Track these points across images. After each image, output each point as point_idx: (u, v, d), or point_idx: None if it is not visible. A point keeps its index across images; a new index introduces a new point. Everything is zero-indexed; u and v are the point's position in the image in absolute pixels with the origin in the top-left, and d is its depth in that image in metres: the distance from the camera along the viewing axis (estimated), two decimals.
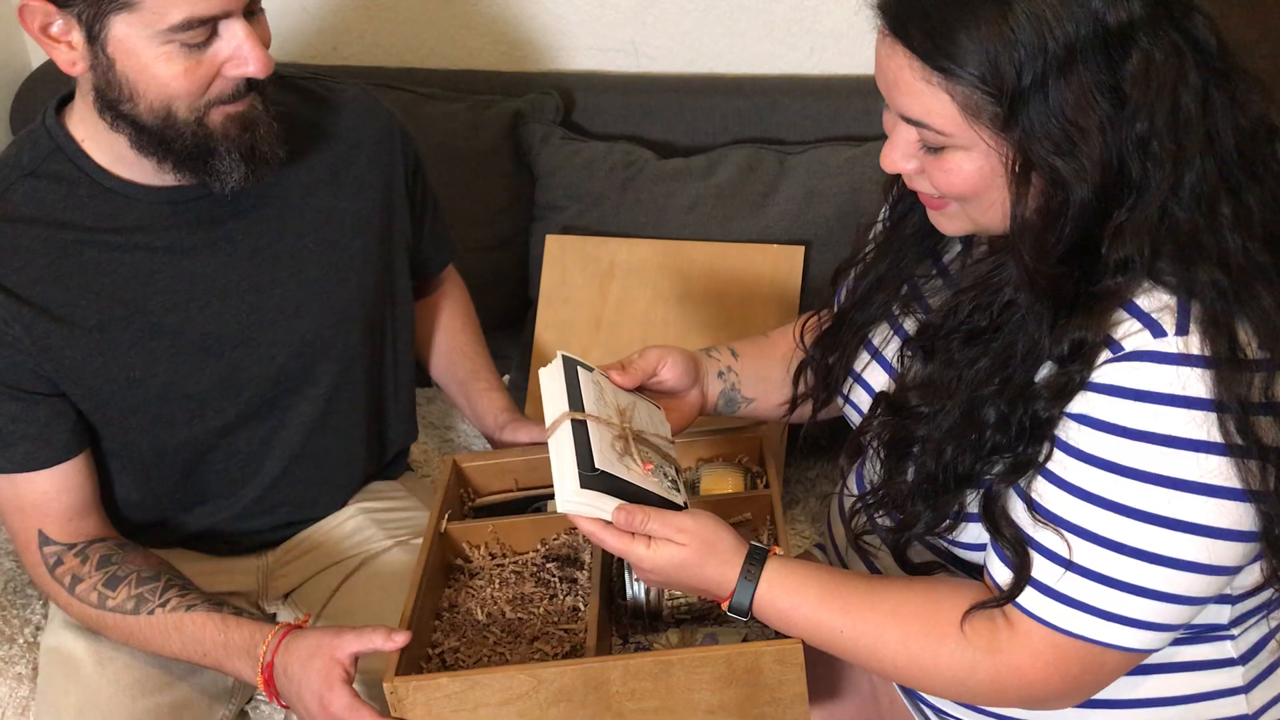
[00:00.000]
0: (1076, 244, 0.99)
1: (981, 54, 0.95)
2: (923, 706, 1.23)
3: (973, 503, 1.07)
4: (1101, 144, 0.95)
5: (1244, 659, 1.11)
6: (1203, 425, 0.95)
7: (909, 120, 1.02)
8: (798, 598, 1.09)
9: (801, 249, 1.83)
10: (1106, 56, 0.95)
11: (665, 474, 1.21)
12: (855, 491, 1.25)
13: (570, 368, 1.24)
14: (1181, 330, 0.96)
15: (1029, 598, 1.03)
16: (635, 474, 1.14)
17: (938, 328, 1.10)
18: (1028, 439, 1.02)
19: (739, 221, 1.88)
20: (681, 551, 1.10)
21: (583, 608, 1.28)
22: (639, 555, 1.11)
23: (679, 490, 1.20)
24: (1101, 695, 1.08)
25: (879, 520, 1.14)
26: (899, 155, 1.06)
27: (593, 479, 1.11)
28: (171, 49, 1.17)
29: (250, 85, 1.23)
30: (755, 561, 1.10)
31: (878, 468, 1.14)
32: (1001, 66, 0.95)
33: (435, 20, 2.14)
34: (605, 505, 1.11)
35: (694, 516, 1.12)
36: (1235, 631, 1.11)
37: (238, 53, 1.19)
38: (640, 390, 1.30)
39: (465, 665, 1.24)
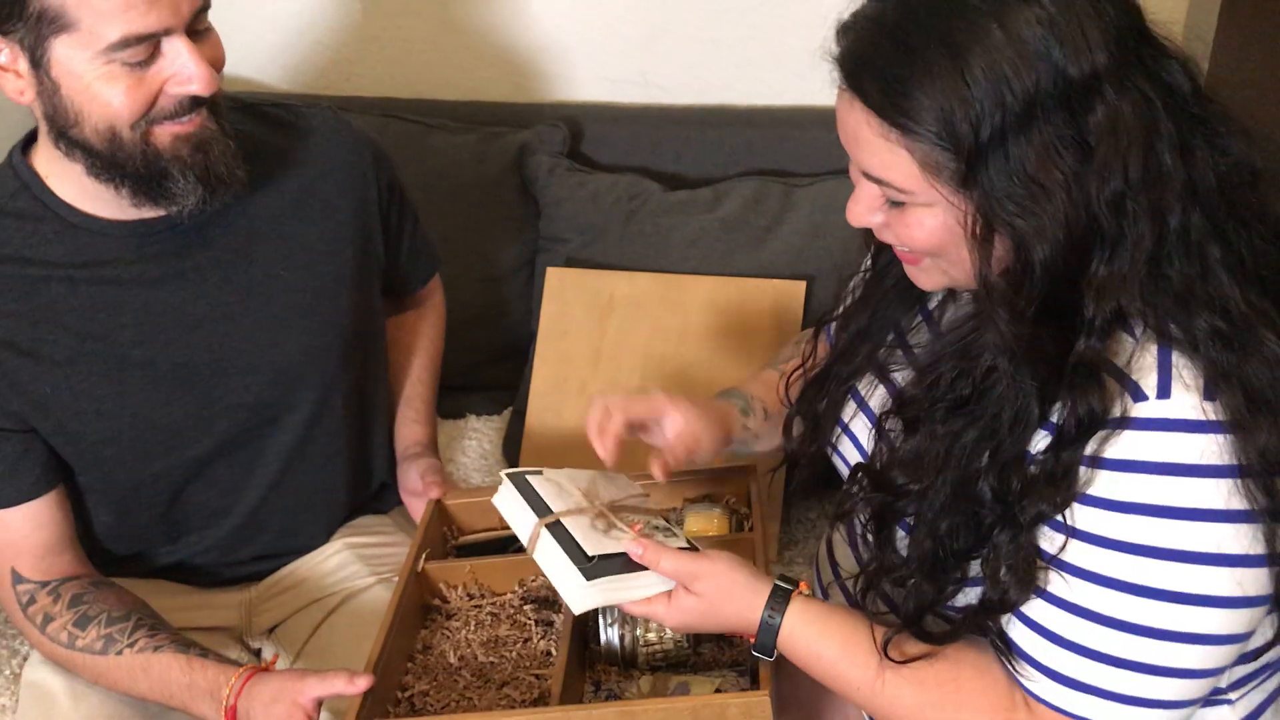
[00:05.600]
0: (1051, 304, 0.94)
1: (937, 110, 0.91)
2: None
3: (973, 569, 1.04)
4: (1066, 201, 0.91)
5: None
6: (1225, 493, 0.92)
7: (870, 177, 0.99)
8: (819, 646, 1.07)
9: (803, 284, 1.81)
10: (1069, 110, 0.91)
11: (655, 526, 1.21)
12: (848, 556, 1.22)
13: (520, 481, 1.24)
14: (1163, 393, 0.92)
15: (1044, 686, 1.00)
16: (628, 541, 1.14)
17: (921, 399, 1.05)
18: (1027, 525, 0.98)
19: (742, 255, 1.86)
20: (699, 602, 1.10)
21: (555, 652, 1.26)
22: (661, 615, 1.11)
23: (677, 536, 1.20)
24: None
25: (886, 593, 1.10)
26: (863, 209, 1.03)
27: (592, 568, 1.11)
28: (113, 68, 1.16)
29: (198, 103, 1.22)
30: (779, 604, 1.07)
31: (868, 539, 1.11)
32: (958, 123, 0.91)
33: (447, 51, 2.15)
34: (616, 585, 1.11)
35: (709, 560, 1.10)
36: (1234, 696, 1.07)
37: (180, 71, 1.18)
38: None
39: (433, 709, 1.22)
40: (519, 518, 1.21)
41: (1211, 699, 1.06)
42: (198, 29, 1.20)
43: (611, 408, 1.26)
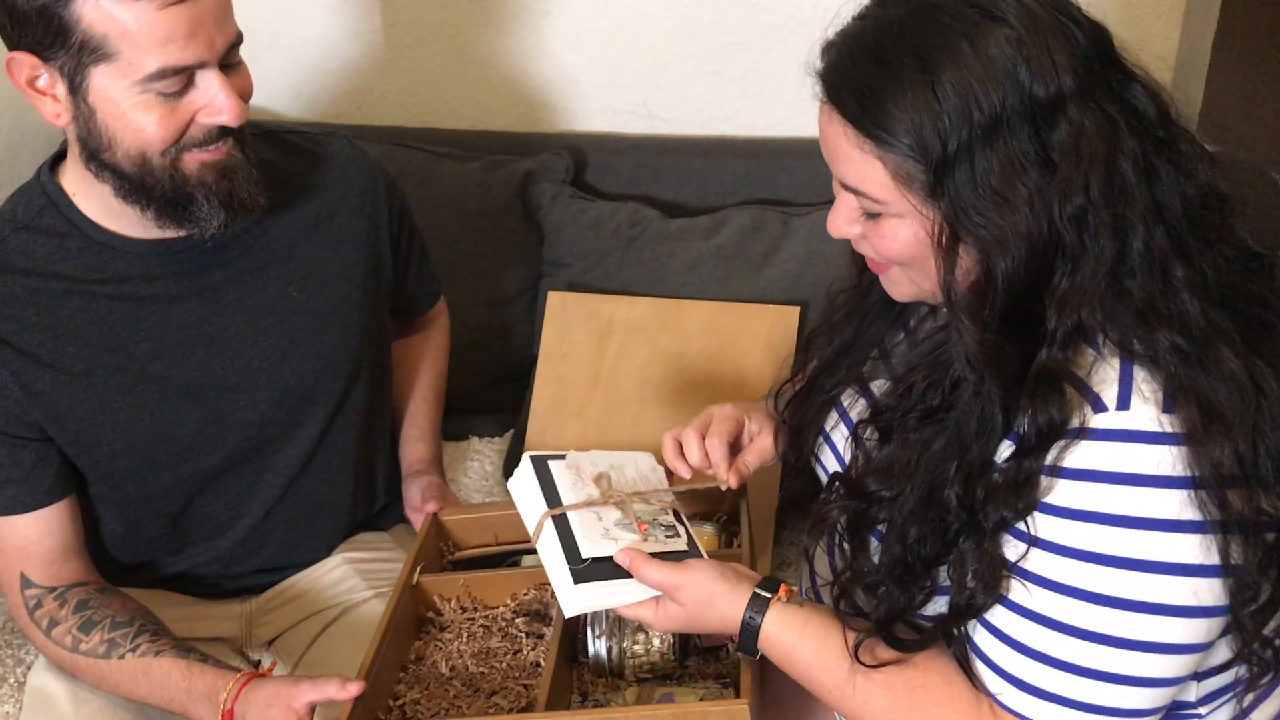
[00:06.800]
0: (1015, 315, 0.98)
1: (909, 123, 0.95)
2: None
3: (943, 576, 1.06)
4: (1029, 215, 0.95)
5: None
6: (1179, 504, 0.94)
7: (847, 187, 1.04)
8: (796, 649, 1.10)
9: (797, 310, 1.84)
10: (1034, 127, 0.95)
11: (661, 525, 1.23)
12: (827, 565, 1.25)
13: (540, 466, 1.27)
14: (1123, 404, 0.95)
15: (1009, 694, 1.02)
16: (628, 542, 1.17)
17: (894, 408, 1.09)
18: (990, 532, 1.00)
19: (738, 281, 1.90)
20: (683, 610, 1.14)
21: (544, 663, 1.29)
22: (649, 619, 1.16)
23: (680, 535, 1.23)
24: None
25: (857, 603, 1.13)
26: (841, 220, 1.07)
27: (584, 570, 1.15)
28: (148, 98, 1.21)
29: (225, 132, 1.26)
30: (759, 607, 1.11)
31: (844, 547, 1.14)
32: (927, 135, 0.95)
33: (456, 82, 2.20)
34: (603, 590, 1.15)
35: (690, 572, 1.14)
36: (1203, 710, 1.08)
37: (212, 102, 1.23)
38: None
39: (424, 717, 1.25)
40: (530, 504, 1.23)
41: (1182, 714, 1.08)
42: (230, 62, 1.25)
43: (709, 442, 1.30)
